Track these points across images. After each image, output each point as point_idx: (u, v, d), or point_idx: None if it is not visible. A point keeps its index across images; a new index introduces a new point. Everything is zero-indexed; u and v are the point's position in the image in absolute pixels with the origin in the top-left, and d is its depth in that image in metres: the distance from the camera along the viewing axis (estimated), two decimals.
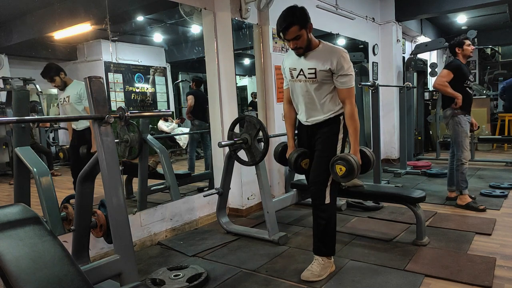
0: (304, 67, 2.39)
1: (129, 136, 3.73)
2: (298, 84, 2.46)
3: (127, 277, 1.93)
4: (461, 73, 3.74)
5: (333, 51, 2.34)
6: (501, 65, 10.05)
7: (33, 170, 2.77)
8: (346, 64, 2.31)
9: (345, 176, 2.33)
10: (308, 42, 2.34)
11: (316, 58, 2.35)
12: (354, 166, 2.31)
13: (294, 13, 2.27)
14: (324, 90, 2.40)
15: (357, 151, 2.44)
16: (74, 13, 4.73)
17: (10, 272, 1.26)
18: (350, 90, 2.36)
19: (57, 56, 6.63)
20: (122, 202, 1.93)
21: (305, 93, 2.45)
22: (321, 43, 2.40)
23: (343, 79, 2.33)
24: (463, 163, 3.73)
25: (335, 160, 2.36)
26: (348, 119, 2.39)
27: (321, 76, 2.35)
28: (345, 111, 2.40)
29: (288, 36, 2.29)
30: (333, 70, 2.32)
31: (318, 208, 2.43)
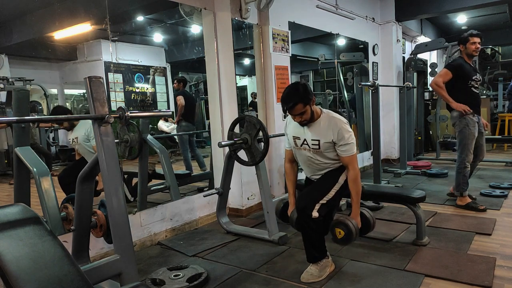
0: (307, 138, 2.49)
1: (129, 136, 3.73)
2: (302, 151, 2.56)
3: (127, 277, 1.92)
4: (462, 73, 3.63)
5: (334, 123, 2.43)
6: (501, 65, 10.05)
7: (33, 170, 2.77)
8: (346, 134, 2.40)
9: (343, 240, 2.45)
10: (312, 115, 2.43)
11: (319, 130, 2.45)
12: (352, 231, 2.42)
13: (298, 92, 2.37)
14: (328, 156, 2.50)
15: (358, 214, 2.51)
16: (74, 13, 4.73)
17: (10, 272, 1.26)
18: (352, 157, 2.45)
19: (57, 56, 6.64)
20: (122, 202, 1.92)
21: (310, 159, 2.55)
22: (323, 113, 2.48)
23: (345, 148, 2.42)
24: (466, 166, 3.68)
25: (335, 223, 2.47)
26: (351, 183, 2.46)
27: (324, 147, 2.46)
28: (348, 175, 2.48)
29: (294, 112, 2.40)
30: (335, 141, 2.42)
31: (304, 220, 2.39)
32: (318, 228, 2.39)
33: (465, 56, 3.72)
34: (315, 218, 2.34)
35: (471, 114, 3.61)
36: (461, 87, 3.65)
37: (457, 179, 3.77)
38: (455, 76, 3.65)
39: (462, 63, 3.69)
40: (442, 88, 3.69)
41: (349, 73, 6.68)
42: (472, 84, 3.66)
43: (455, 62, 3.78)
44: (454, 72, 3.65)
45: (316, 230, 2.38)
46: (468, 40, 3.66)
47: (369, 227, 2.65)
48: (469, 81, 3.65)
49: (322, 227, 2.42)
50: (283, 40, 4.21)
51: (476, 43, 3.64)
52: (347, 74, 6.74)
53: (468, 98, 3.63)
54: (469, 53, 3.69)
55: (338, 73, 6.52)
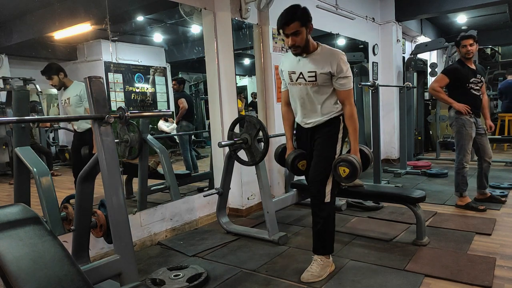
0: (304, 70, 2.41)
1: (129, 136, 3.73)
2: (298, 87, 2.47)
3: (127, 277, 1.93)
4: (458, 76, 3.65)
5: (332, 54, 2.36)
6: (501, 65, 10.05)
7: (33, 170, 2.77)
8: (344, 66, 2.34)
9: (349, 177, 2.38)
10: (307, 43, 2.35)
11: (316, 62, 2.37)
12: (357, 167, 2.36)
13: (296, 10, 2.30)
14: (324, 92, 2.42)
15: (357, 150, 2.47)
16: (74, 13, 4.73)
17: (10, 272, 1.26)
18: (349, 92, 2.39)
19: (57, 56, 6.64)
20: (122, 202, 1.93)
21: (305, 96, 2.47)
22: (319, 46, 2.42)
23: (342, 81, 2.36)
24: (465, 166, 3.69)
25: (338, 162, 2.40)
26: (347, 119, 2.42)
27: (321, 79, 2.37)
28: (344, 111, 2.43)
29: (288, 30, 2.30)
30: (333, 73, 2.35)
31: (317, 206, 2.43)
32: (328, 214, 2.41)
33: (462, 58, 3.71)
34: (328, 202, 2.36)
35: (468, 115, 3.62)
36: (460, 90, 3.67)
37: (456, 179, 3.78)
38: (452, 80, 3.68)
39: (458, 67, 3.71)
40: (440, 92, 3.74)
41: None
42: (471, 87, 3.65)
43: (451, 67, 3.83)
44: (450, 76, 3.69)
45: (327, 218, 2.40)
46: (460, 44, 3.68)
47: (368, 162, 2.62)
48: (467, 84, 3.65)
49: (333, 211, 2.46)
50: (283, 40, 4.21)
51: (467, 46, 3.61)
52: None
53: (467, 100, 3.63)
54: (462, 56, 3.70)
55: None
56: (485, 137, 3.77)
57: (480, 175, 3.83)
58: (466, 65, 3.69)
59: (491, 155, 3.80)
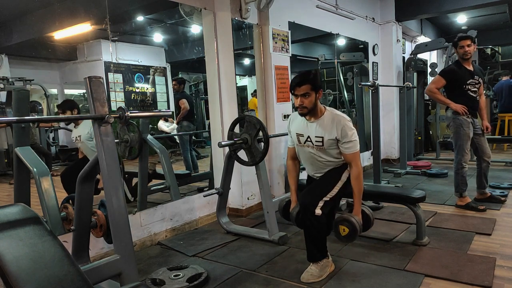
0: (311, 134, 2.51)
1: (129, 136, 3.73)
2: (306, 149, 2.58)
3: (127, 277, 1.92)
4: (455, 78, 3.65)
5: (337, 120, 2.45)
6: (501, 65, 10.04)
7: (33, 170, 2.77)
8: (349, 131, 2.43)
9: (347, 237, 2.48)
10: (314, 106, 2.44)
11: (323, 127, 2.46)
12: (356, 228, 2.46)
13: (310, 74, 2.41)
14: (331, 153, 2.52)
15: (359, 211, 2.54)
16: (74, 13, 4.73)
17: (10, 272, 1.26)
18: (355, 154, 2.46)
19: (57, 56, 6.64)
20: (122, 202, 1.92)
21: (313, 156, 2.56)
22: (326, 111, 2.51)
23: (348, 145, 2.44)
24: (463, 166, 3.70)
25: (339, 221, 2.50)
26: (353, 180, 2.48)
27: (328, 144, 2.47)
28: (351, 172, 2.49)
29: (298, 91, 2.40)
30: (339, 139, 2.44)
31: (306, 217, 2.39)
32: (321, 226, 2.38)
33: (460, 59, 3.71)
34: (318, 215, 2.35)
35: (466, 115, 3.62)
36: (457, 92, 3.67)
37: (455, 180, 3.79)
38: (449, 82, 3.68)
39: (455, 68, 3.70)
40: (436, 93, 3.76)
41: (349, 73, 6.68)
42: (468, 88, 3.65)
43: (447, 68, 3.83)
44: (447, 78, 3.69)
45: (318, 227, 2.38)
46: (457, 44, 3.66)
47: (369, 224, 2.66)
48: (463, 85, 3.64)
49: (324, 225, 2.42)
50: (283, 40, 4.21)
51: (465, 47, 3.59)
52: (347, 74, 6.74)
53: (464, 101, 3.63)
54: (460, 57, 3.69)
55: (338, 73, 6.52)
56: (483, 137, 3.78)
57: (480, 175, 3.83)
58: (463, 66, 3.67)
59: (490, 154, 3.80)
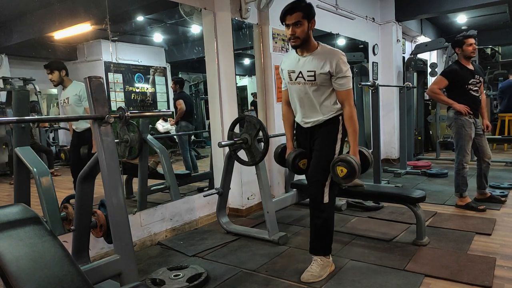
0: (303, 69, 2.40)
1: (129, 136, 3.73)
2: (297, 86, 2.47)
3: (127, 277, 1.92)
4: (457, 78, 3.65)
5: (332, 53, 2.35)
6: (501, 65, 10.05)
7: (33, 170, 2.77)
8: (344, 66, 2.33)
9: (346, 177, 2.35)
10: (307, 37, 2.34)
11: (315, 61, 2.36)
12: (355, 167, 2.33)
13: (302, 2, 2.31)
14: (323, 92, 2.41)
15: (357, 152, 2.44)
16: (74, 13, 4.73)
17: (10, 272, 1.26)
18: (348, 92, 2.38)
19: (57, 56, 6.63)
20: (122, 202, 1.93)
21: (304, 95, 2.46)
22: (320, 45, 2.41)
23: (342, 81, 2.35)
24: (464, 167, 3.70)
25: (336, 162, 2.38)
26: (347, 120, 2.40)
27: (320, 79, 2.37)
28: (344, 112, 2.42)
29: (290, 20, 2.30)
30: (332, 73, 2.34)
31: (316, 207, 2.43)
32: (331, 213, 2.41)
33: (462, 59, 3.71)
34: (327, 203, 2.36)
35: (468, 116, 3.62)
36: (459, 92, 3.66)
37: (456, 180, 3.78)
38: (451, 82, 3.68)
39: (456, 68, 3.70)
40: (439, 94, 3.75)
41: None
42: (470, 88, 3.65)
43: (449, 68, 3.82)
44: (449, 78, 3.68)
45: (326, 220, 2.40)
46: (464, 43, 3.65)
47: (368, 164, 2.60)
48: (466, 85, 3.64)
49: (333, 213, 2.45)
50: (283, 40, 4.21)
51: (473, 44, 3.63)
52: None
53: (466, 101, 3.62)
54: (467, 55, 3.67)
55: None
56: (484, 137, 3.77)
57: (480, 176, 3.83)
58: (464, 66, 3.68)
59: (490, 155, 3.80)
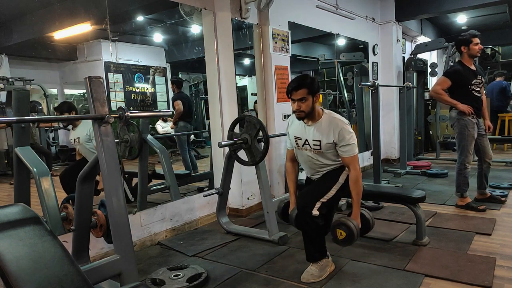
0: (309, 138, 2.50)
1: (129, 136, 3.73)
2: (304, 152, 2.58)
3: (127, 277, 1.92)
4: (460, 78, 3.64)
5: (335, 123, 2.43)
6: (501, 65, 10.05)
7: (33, 170, 2.77)
8: (347, 135, 2.41)
9: (345, 241, 2.45)
10: (312, 110, 2.43)
11: (320, 131, 2.45)
12: (354, 232, 2.42)
13: (307, 79, 2.41)
14: (329, 157, 2.51)
15: (358, 215, 2.51)
16: (74, 13, 4.73)
17: (10, 272, 1.26)
18: (353, 158, 2.44)
19: (57, 56, 6.64)
20: (122, 202, 1.92)
21: (311, 160, 2.56)
22: (324, 114, 2.49)
23: (346, 149, 2.43)
24: (466, 167, 3.69)
25: (337, 224, 2.47)
26: (352, 184, 2.45)
27: (326, 148, 2.46)
28: (349, 176, 2.47)
29: (295, 96, 2.39)
30: (336, 142, 2.43)
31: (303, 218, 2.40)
32: (318, 227, 2.39)
33: (466, 59, 3.68)
34: (315, 216, 2.34)
35: (471, 116, 3.61)
36: (462, 92, 3.65)
37: (457, 180, 3.78)
38: (454, 82, 3.67)
39: (459, 69, 3.68)
40: (442, 94, 3.72)
41: (349, 73, 6.68)
42: (472, 88, 3.64)
43: (452, 69, 3.81)
44: (452, 79, 3.67)
45: (316, 228, 2.38)
46: (471, 42, 3.62)
47: (369, 227, 2.66)
48: (468, 86, 3.63)
49: (322, 225, 2.42)
50: (283, 40, 4.21)
51: (479, 44, 3.63)
52: (347, 74, 6.74)
53: (469, 102, 3.61)
54: (472, 54, 3.66)
55: (338, 73, 6.53)
56: (486, 138, 3.76)
57: (480, 176, 3.83)
58: (466, 66, 3.67)
59: (492, 156, 3.79)
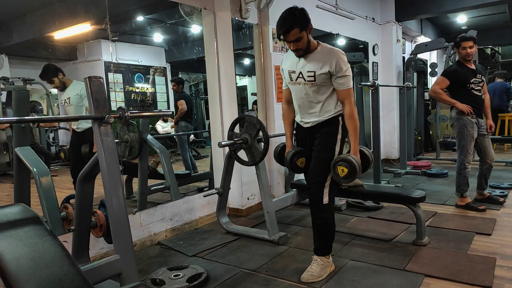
0: (303, 70, 2.40)
1: (129, 136, 3.73)
2: (297, 86, 2.47)
3: (127, 277, 1.92)
4: (458, 77, 3.64)
5: (331, 52, 2.35)
6: (501, 65, 10.04)
7: (33, 170, 2.77)
8: (344, 65, 2.33)
9: (347, 177, 2.35)
10: (308, 44, 2.35)
11: (315, 61, 2.36)
12: (356, 167, 2.33)
13: (294, 15, 2.27)
14: (323, 92, 2.42)
15: (357, 151, 2.44)
16: (74, 13, 4.73)
17: (10, 272, 1.26)
18: (348, 91, 2.37)
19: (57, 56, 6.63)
20: (122, 202, 1.92)
21: (304, 96, 2.47)
22: (319, 45, 2.41)
23: (342, 80, 2.35)
24: (466, 167, 3.68)
25: (337, 161, 2.37)
26: (347, 119, 2.40)
27: (320, 79, 2.37)
28: (344, 111, 2.41)
29: (289, 38, 2.30)
30: (332, 72, 2.34)
31: (316, 208, 2.43)
32: (331, 214, 2.41)
33: (461, 59, 3.69)
34: (327, 204, 2.36)
35: (470, 116, 3.61)
36: (460, 92, 3.66)
37: (457, 180, 3.77)
38: (452, 82, 3.67)
39: (457, 68, 3.69)
40: (441, 94, 3.74)
41: None
42: (471, 87, 3.64)
43: (450, 69, 3.82)
44: (450, 78, 3.67)
45: (329, 217, 2.41)
46: (460, 45, 3.63)
47: (368, 163, 2.59)
48: (467, 85, 3.63)
49: (333, 213, 2.45)
50: (283, 40, 4.20)
51: (467, 48, 3.57)
52: None
53: (468, 101, 3.61)
54: (461, 57, 3.67)
55: None
56: (487, 138, 3.75)
57: (480, 176, 3.83)
58: (465, 66, 3.67)
59: (493, 157, 3.77)
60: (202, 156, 7.54)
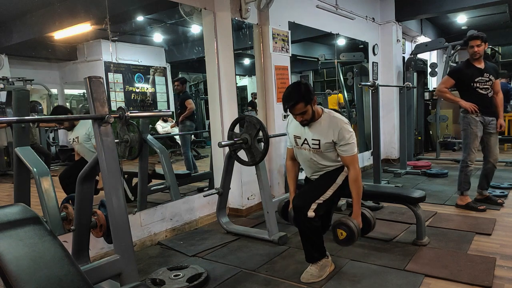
0: (308, 137, 2.49)
1: (129, 136, 3.73)
2: (303, 151, 2.57)
3: (127, 277, 1.92)
4: (462, 77, 3.64)
5: (335, 122, 2.43)
6: (501, 65, 10.05)
7: (33, 170, 2.77)
8: (347, 134, 2.41)
9: (345, 241, 2.45)
10: (313, 115, 2.43)
11: (320, 130, 2.45)
12: (355, 232, 2.42)
13: (299, 91, 2.36)
14: (328, 156, 2.51)
15: (359, 214, 2.50)
16: (74, 13, 4.73)
17: (10, 272, 1.26)
18: (353, 157, 2.44)
19: (57, 56, 6.64)
20: (122, 202, 1.92)
21: (310, 160, 2.56)
22: (324, 113, 2.49)
23: (345, 148, 2.42)
24: (468, 165, 3.69)
25: (337, 224, 2.46)
26: (352, 183, 2.45)
27: (325, 148, 2.46)
28: (349, 175, 2.47)
29: (295, 111, 2.39)
30: (335, 141, 2.42)
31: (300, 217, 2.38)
32: (314, 227, 2.38)
33: (470, 58, 3.69)
34: (311, 217, 2.34)
35: (475, 114, 3.60)
36: (466, 90, 3.67)
37: (459, 177, 3.79)
38: (457, 81, 3.69)
39: (461, 67, 3.74)
40: (446, 93, 3.77)
41: (349, 73, 6.69)
42: (476, 86, 3.62)
43: (455, 68, 3.87)
44: (455, 77, 3.71)
45: (312, 229, 2.38)
46: (468, 44, 3.66)
47: (370, 227, 2.65)
48: (471, 84, 3.62)
49: (318, 226, 2.41)
50: (283, 40, 4.21)
51: (474, 47, 3.57)
52: (347, 74, 6.75)
53: (473, 100, 3.60)
54: (470, 56, 3.67)
55: (338, 73, 6.52)
56: (494, 137, 3.73)
57: (482, 176, 3.83)
58: (472, 65, 3.64)
59: (497, 157, 3.75)
60: (202, 156, 7.54)
